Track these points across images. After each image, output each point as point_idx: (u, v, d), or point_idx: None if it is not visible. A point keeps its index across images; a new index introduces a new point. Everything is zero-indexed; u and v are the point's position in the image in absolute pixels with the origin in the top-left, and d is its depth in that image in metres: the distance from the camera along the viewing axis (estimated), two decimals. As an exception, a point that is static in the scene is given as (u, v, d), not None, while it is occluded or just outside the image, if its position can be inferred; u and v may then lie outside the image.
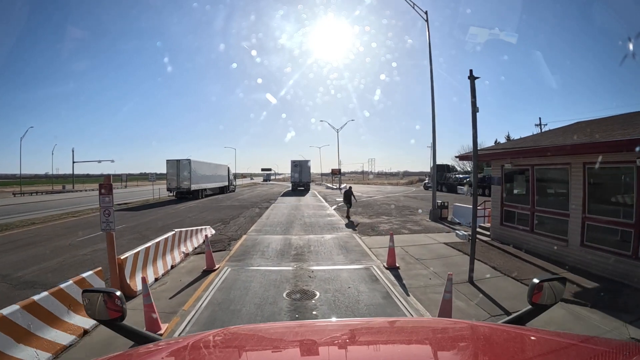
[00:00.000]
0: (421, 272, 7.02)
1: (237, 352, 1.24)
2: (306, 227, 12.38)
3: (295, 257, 8.07)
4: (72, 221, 16.22)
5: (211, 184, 32.84)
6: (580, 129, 9.67)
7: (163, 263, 7.26)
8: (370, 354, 1.21)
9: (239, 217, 15.79)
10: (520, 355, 1.13)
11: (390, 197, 28.37)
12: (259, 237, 10.51)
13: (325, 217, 15.20)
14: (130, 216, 17.49)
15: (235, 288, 6.01)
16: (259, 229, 12.06)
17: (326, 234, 11.01)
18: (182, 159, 28.08)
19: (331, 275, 6.73)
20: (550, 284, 1.43)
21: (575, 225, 7.78)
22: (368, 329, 1.50)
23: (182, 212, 19.10)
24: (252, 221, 14.18)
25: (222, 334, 1.40)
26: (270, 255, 8.35)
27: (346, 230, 11.88)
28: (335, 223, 13.51)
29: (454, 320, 1.94)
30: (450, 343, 1.31)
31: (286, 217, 15.40)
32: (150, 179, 35.61)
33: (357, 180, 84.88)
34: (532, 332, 1.31)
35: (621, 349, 1.08)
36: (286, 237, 10.45)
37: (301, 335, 1.44)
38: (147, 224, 14.43)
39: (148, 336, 1.43)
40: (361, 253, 8.55)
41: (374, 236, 10.69)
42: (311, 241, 9.87)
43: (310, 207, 19.77)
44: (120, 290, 1.40)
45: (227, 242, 9.98)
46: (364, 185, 60.16)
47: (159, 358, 1.15)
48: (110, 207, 5.79)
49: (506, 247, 9.55)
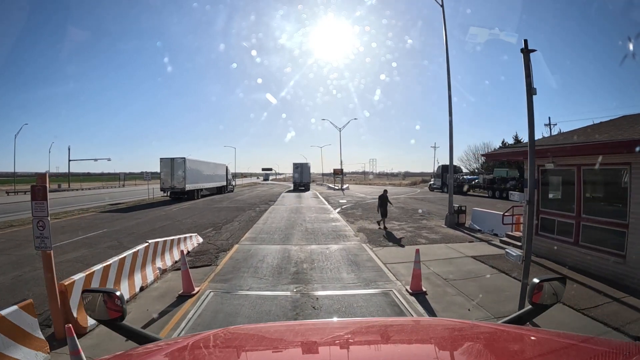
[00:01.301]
0: (455, 299, 5.51)
1: (238, 352, 1.22)
2: (308, 235, 10.86)
3: (295, 277, 6.56)
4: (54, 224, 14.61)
5: (208, 183, 31.33)
6: (635, 121, 8.14)
7: (129, 285, 5.72)
8: (370, 354, 1.19)
9: (234, 221, 14.26)
10: (520, 355, 1.13)
11: (396, 199, 26.82)
12: (252, 248, 8.98)
13: (329, 223, 13.65)
14: (116, 219, 16.05)
15: (215, 324, 4.51)
16: (253, 237, 10.53)
17: (331, 244, 9.48)
18: (177, 157, 26.58)
19: (341, 304, 5.22)
20: (550, 283, 1.42)
21: (636, 238, 6.32)
22: (368, 329, 1.49)
23: (173, 214, 17.61)
24: (247, 226, 12.66)
25: (223, 333, 1.39)
26: (265, 273, 6.83)
27: (354, 239, 10.34)
28: (341, 230, 11.97)
29: (454, 320, 1.77)
30: (451, 343, 1.29)
31: (285, 221, 13.87)
32: (144, 178, 34.35)
33: (358, 180, 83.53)
34: (532, 332, 1.35)
35: (621, 349, 1.08)
36: (285, 248, 8.92)
37: (302, 335, 1.43)
38: (130, 229, 12.94)
39: (148, 336, 1.40)
40: (375, 270, 7.03)
41: (387, 247, 9.16)
42: (314, 253, 8.35)
43: (312, 210, 18.25)
44: (65, 326, 1.52)
45: (215, 254, 8.46)
46: (366, 185, 58.85)
47: (159, 358, 1.13)
48: (45, 218, 4.26)
49: (544, 262, 8.06)
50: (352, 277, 6.58)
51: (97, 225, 14.05)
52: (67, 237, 11.46)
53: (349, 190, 40.68)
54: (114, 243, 10.52)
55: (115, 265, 5.54)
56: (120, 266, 5.64)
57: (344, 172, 50.82)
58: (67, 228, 13.70)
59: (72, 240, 11.19)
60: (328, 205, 21.75)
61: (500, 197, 28.82)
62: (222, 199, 27.94)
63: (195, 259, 7.94)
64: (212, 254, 8.44)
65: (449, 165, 13.73)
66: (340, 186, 44.59)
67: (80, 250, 9.71)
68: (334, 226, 12.65)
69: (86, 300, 1.37)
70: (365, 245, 9.26)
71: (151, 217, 16.27)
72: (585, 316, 5.00)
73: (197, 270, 7.12)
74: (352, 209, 19.32)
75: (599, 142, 7.21)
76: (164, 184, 26.75)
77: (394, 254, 8.34)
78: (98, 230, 12.78)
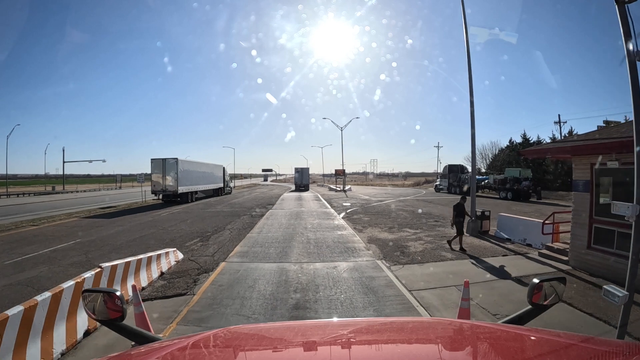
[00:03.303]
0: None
1: (238, 351, 1.20)
2: (310, 248, 9.17)
3: (294, 314, 4.87)
4: (28, 232, 13.29)
5: (203, 185, 29.65)
6: None
7: (42, 343, 3.66)
8: (370, 354, 1.18)
9: (225, 229, 12.57)
10: (520, 355, 1.12)
11: (403, 201, 25.13)
12: (242, 268, 7.28)
13: (334, 231, 11.93)
14: (97, 226, 14.40)
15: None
16: (245, 252, 8.82)
17: (339, 261, 7.78)
18: (169, 158, 24.91)
19: None
20: (550, 283, 1.43)
21: None
22: (368, 329, 1.47)
23: (161, 220, 15.94)
24: (239, 236, 10.97)
25: (223, 333, 1.38)
26: (254, 307, 5.14)
27: (366, 253, 8.63)
28: (349, 241, 10.26)
29: (454, 320, 1.73)
30: (450, 343, 1.29)
31: (284, 230, 12.17)
32: (138, 180, 32.82)
33: (359, 181, 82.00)
34: (532, 332, 1.30)
35: (621, 349, 1.08)
36: (282, 268, 7.22)
37: (302, 335, 1.40)
38: (106, 239, 11.29)
39: (148, 336, 1.40)
40: (400, 302, 5.34)
41: (408, 265, 7.47)
42: (318, 276, 6.65)
43: (314, 215, 16.54)
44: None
45: (195, 276, 6.78)
46: (368, 187, 57.35)
47: (159, 358, 1.11)
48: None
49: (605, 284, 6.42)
50: (370, 314, 4.91)
51: (73, 234, 12.41)
52: (32, 250, 9.97)
53: (351, 192, 39.01)
54: (81, 259, 8.90)
55: (43, 308, 3.78)
56: (49, 312, 3.88)
57: (345, 173, 49.32)
58: (38, 237, 12.15)
59: (36, 253, 9.67)
60: (331, 209, 20.04)
61: (513, 198, 27.14)
62: (217, 202, 26.25)
63: (168, 284, 6.28)
64: (192, 276, 6.76)
65: (471, 161, 12.05)
66: (342, 187, 42.90)
67: (38, 267, 8.09)
68: (340, 236, 10.95)
69: (86, 300, 1.37)
70: (381, 263, 7.56)
71: (135, 224, 14.60)
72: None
73: (166, 302, 5.48)
74: (357, 213, 17.61)
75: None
76: (155, 187, 25.11)
77: (419, 276, 6.66)
78: (70, 241, 11.14)
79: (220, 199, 29.08)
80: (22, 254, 9.45)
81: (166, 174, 24.67)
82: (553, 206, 22.36)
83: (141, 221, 15.56)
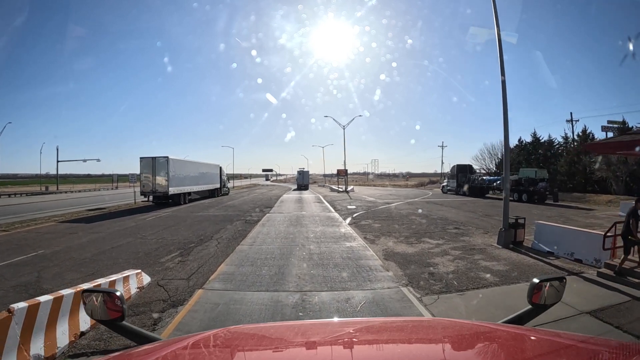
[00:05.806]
0: None
1: (238, 351, 1.18)
2: (313, 267, 7.33)
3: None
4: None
5: (197, 186, 27.85)
6: None
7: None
8: (370, 354, 1.17)
9: (212, 238, 10.74)
10: (520, 355, 1.11)
11: (411, 204, 23.31)
12: (222, 301, 5.38)
13: (342, 242, 10.05)
14: (71, 232, 12.66)
15: None
16: (230, 273, 6.96)
17: (352, 288, 5.93)
18: (159, 157, 23.12)
19: None
20: (550, 283, 1.41)
21: None
22: (368, 329, 1.45)
23: (144, 226, 14.16)
24: (226, 249, 9.14)
25: (223, 333, 1.37)
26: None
27: (385, 275, 6.78)
28: (360, 256, 8.38)
29: (454, 320, 1.75)
30: (451, 343, 1.26)
31: (281, 241, 10.31)
32: (130, 180, 31.30)
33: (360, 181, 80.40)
34: (532, 332, 1.30)
35: (621, 349, 1.07)
36: (276, 301, 5.38)
37: (302, 335, 1.39)
38: (72, 250, 9.53)
39: (148, 336, 1.39)
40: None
41: (444, 294, 5.64)
42: (327, 315, 4.85)
43: (317, 222, 14.68)
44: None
45: (159, 312, 4.96)
46: (370, 187, 55.77)
47: (159, 358, 1.10)
48: None
49: None
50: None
51: (38, 243, 10.65)
52: (7, 258, 8.53)
53: (354, 193, 37.22)
54: (30, 279, 7.17)
55: None
56: None
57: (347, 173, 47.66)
58: (12, 244, 10.55)
59: (7, 262, 8.20)
60: (335, 213, 18.18)
61: (528, 200, 25.32)
62: (211, 204, 24.43)
63: (108, 333, 4.47)
64: (154, 311, 4.96)
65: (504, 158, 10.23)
66: (345, 188, 41.12)
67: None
68: (349, 249, 9.08)
69: (86, 300, 1.36)
70: (408, 292, 5.71)
71: (113, 231, 12.82)
72: None
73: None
74: (365, 218, 15.76)
75: None
76: (144, 187, 23.33)
77: (464, 314, 4.85)
78: (30, 253, 9.38)
79: (216, 201, 27.27)
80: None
81: (156, 174, 22.89)
82: (575, 209, 20.50)
83: (121, 227, 13.76)
